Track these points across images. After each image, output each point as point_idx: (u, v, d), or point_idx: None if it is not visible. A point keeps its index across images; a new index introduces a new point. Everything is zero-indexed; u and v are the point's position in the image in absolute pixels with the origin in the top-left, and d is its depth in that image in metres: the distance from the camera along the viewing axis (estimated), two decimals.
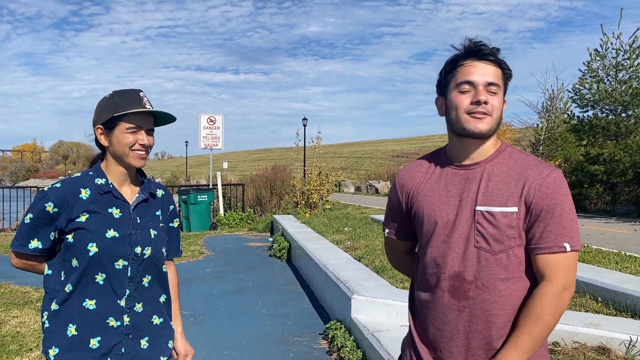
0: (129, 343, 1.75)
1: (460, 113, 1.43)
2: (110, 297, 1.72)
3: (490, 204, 1.40)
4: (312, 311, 5.52)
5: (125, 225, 1.76)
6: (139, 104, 1.74)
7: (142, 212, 1.82)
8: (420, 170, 1.60)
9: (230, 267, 7.96)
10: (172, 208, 1.97)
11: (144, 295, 1.79)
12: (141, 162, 1.79)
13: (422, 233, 1.54)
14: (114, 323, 1.73)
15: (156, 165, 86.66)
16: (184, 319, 5.45)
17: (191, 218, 12.67)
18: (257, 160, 57.04)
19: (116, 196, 1.77)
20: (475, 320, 1.40)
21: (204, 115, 14.08)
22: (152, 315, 1.81)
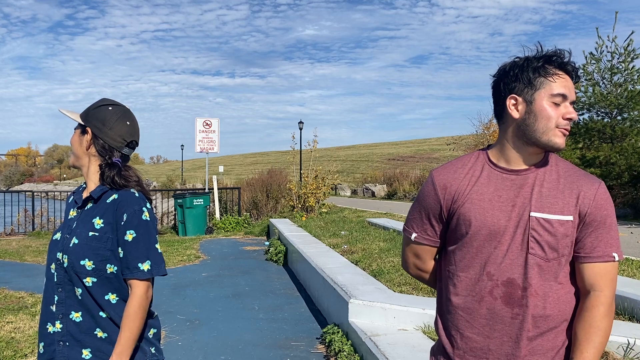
0: (63, 351, 1.69)
1: (550, 125, 1.40)
2: (46, 302, 1.73)
3: (546, 211, 1.40)
4: (309, 315, 5.49)
5: (69, 228, 1.75)
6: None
7: (83, 217, 1.75)
8: (463, 172, 1.52)
9: (227, 271, 7.92)
10: (127, 216, 1.69)
11: (80, 305, 1.69)
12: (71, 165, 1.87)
13: (468, 239, 1.47)
14: (51, 328, 1.71)
15: (152, 169, 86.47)
16: (181, 323, 5.43)
17: (187, 222, 12.62)
18: (253, 164, 56.98)
19: (76, 199, 1.82)
20: (527, 328, 1.40)
21: (199, 119, 14.06)
22: (94, 328, 1.70)
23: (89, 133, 1.76)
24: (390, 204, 20.41)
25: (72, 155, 1.83)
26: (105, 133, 1.75)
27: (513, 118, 1.44)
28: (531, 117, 1.41)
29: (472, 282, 1.46)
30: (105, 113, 1.78)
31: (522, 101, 1.42)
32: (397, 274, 5.45)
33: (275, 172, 17.14)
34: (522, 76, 1.42)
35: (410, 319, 4.09)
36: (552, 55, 1.42)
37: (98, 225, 1.69)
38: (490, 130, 22.22)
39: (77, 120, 1.79)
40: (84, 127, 1.78)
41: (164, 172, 63.27)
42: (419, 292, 4.78)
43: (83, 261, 1.66)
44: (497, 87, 1.49)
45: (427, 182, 1.57)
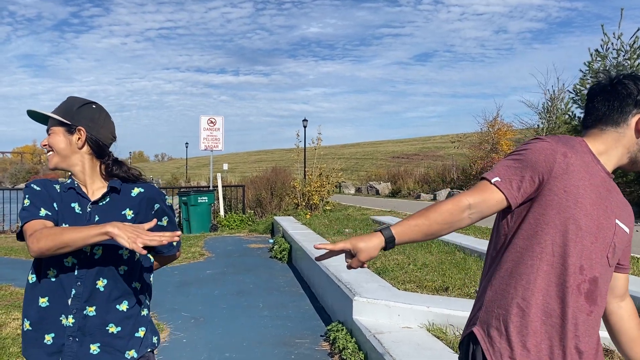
0: (73, 346, 1.69)
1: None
2: (59, 295, 1.70)
3: (622, 220, 1.47)
4: (314, 313, 5.50)
5: (82, 221, 1.72)
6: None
7: (104, 210, 1.77)
8: (582, 161, 1.43)
9: (231, 268, 7.94)
10: (158, 206, 1.85)
11: (98, 299, 1.72)
12: (48, 164, 1.82)
13: (566, 224, 1.39)
14: (65, 321, 1.70)
15: (156, 166, 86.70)
16: (185, 320, 5.45)
17: (191, 220, 12.65)
18: (257, 161, 57.03)
19: (78, 192, 1.78)
20: (595, 325, 1.46)
21: (204, 116, 14.08)
22: (107, 323, 1.73)
23: (80, 132, 1.77)
24: (394, 202, 20.39)
25: (56, 157, 1.78)
26: (98, 131, 1.80)
27: (635, 136, 1.47)
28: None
29: (560, 273, 1.42)
30: (93, 111, 1.82)
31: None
32: (401, 271, 5.46)
33: (280, 170, 17.16)
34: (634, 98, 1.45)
35: (414, 317, 4.09)
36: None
37: (129, 216, 1.77)
38: (495, 128, 22.15)
39: (63, 121, 1.76)
40: (70, 127, 1.77)
41: (168, 170, 63.42)
42: (423, 290, 4.79)
43: (121, 251, 1.73)
44: (628, 94, 1.46)
45: (553, 141, 1.43)
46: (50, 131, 1.78)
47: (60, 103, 1.83)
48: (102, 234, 1.53)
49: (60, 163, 1.78)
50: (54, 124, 1.78)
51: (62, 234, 1.57)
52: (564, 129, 18.03)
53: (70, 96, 1.85)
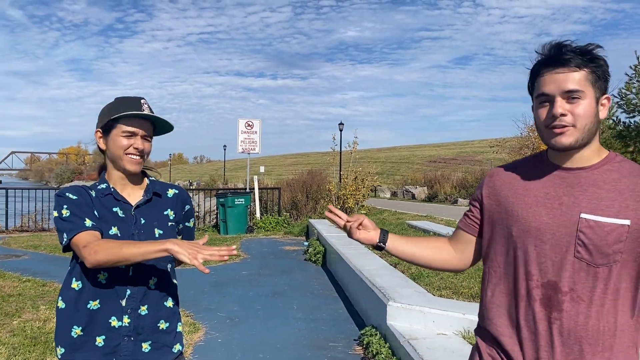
0: (129, 345, 1.73)
1: (541, 127, 1.39)
2: (112, 297, 1.73)
3: (599, 213, 1.32)
4: (347, 316, 5.49)
5: (129, 225, 1.76)
6: (137, 108, 1.76)
7: (147, 212, 1.81)
8: (517, 167, 1.52)
9: (266, 270, 8.01)
10: (188, 208, 1.96)
11: (149, 297, 1.77)
12: (135, 167, 1.78)
13: (506, 234, 1.44)
14: (115, 323, 1.73)
15: (195, 168, 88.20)
16: (221, 320, 5.52)
17: (228, 221, 12.81)
18: (293, 164, 57.36)
19: (117, 198, 1.79)
20: (566, 334, 1.33)
21: (242, 119, 14.25)
22: (158, 319, 1.79)
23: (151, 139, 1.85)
24: (430, 207, 20.17)
25: (143, 160, 1.82)
26: None
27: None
28: (535, 123, 1.45)
29: (511, 282, 1.44)
30: None
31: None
32: (436, 277, 5.39)
33: (315, 173, 17.21)
34: (529, 90, 1.46)
35: (449, 324, 4.03)
36: (540, 54, 1.42)
37: (171, 216, 1.87)
38: (535, 133, 21.66)
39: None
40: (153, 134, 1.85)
41: (206, 172, 64.44)
42: (459, 297, 4.71)
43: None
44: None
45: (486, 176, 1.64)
46: (149, 138, 1.81)
47: (147, 105, 1.80)
48: (162, 250, 1.56)
49: (141, 167, 1.82)
50: (150, 130, 1.81)
51: (122, 249, 1.58)
52: (608, 134, 17.45)
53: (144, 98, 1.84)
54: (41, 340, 4.49)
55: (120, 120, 1.75)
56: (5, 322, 4.97)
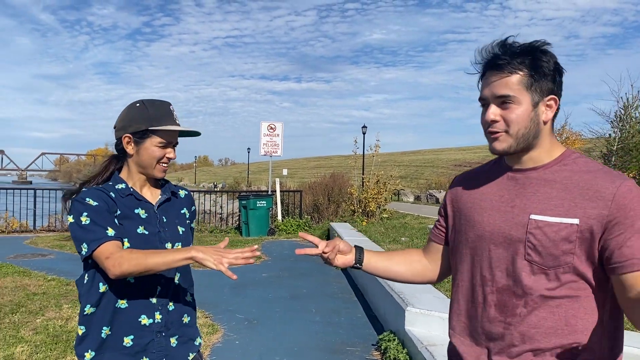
0: (161, 341, 1.76)
1: (484, 131, 1.38)
2: (141, 295, 1.74)
3: (548, 213, 1.26)
4: (366, 321, 5.45)
5: (153, 223, 1.79)
6: (171, 119, 1.78)
7: (167, 210, 1.86)
8: (477, 173, 1.53)
9: (286, 272, 8.01)
10: (194, 209, 2.02)
11: (175, 293, 1.82)
12: (163, 174, 1.84)
13: (464, 240, 1.43)
14: (146, 321, 1.74)
15: (220, 171, 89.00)
16: (239, 322, 5.54)
17: (250, 223, 12.87)
18: (316, 167, 57.42)
19: (138, 198, 1.80)
20: (522, 338, 1.29)
21: (264, 122, 14.31)
22: (182, 314, 1.85)
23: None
24: None
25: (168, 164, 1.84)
26: None
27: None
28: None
29: (468, 288, 1.42)
30: None
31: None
32: None
33: (337, 176, 17.19)
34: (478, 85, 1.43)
35: None
36: (480, 56, 1.37)
37: (187, 215, 1.94)
38: (562, 137, 21.26)
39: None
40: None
41: (231, 174, 64.99)
42: None
43: (190, 245, 1.86)
44: None
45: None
46: (176, 144, 1.84)
47: (175, 112, 1.81)
48: (187, 258, 1.56)
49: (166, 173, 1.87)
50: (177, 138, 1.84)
51: (147, 259, 1.56)
52: (638, 139, 17.05)
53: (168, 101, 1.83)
54: (62, 338, 4.56)
55: (158, 132, 1.75)
56: (29, 320, 5.06)
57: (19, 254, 9.08)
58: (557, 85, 1.32)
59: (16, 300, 5.77)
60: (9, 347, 4.31)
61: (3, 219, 12.92)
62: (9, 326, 4.86)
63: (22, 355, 4.15)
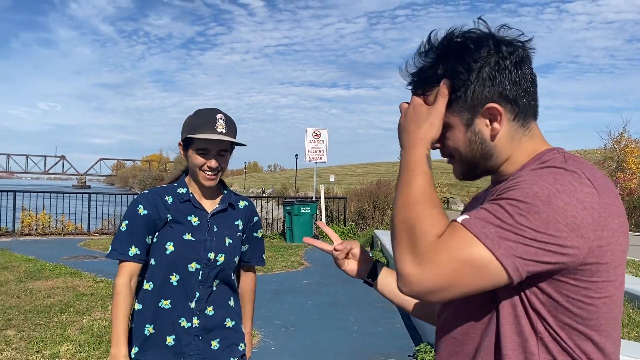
0: (198, 344, 1.83)
1: None
2: (182, 299, 1.81)
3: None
4: (404, 331, 5.35)
5: (203, 231, 1.85)
6: (210, 128, 1.79)
7: (220, 220, 1.90)
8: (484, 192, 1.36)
9: (327, 279, 7.99)
10: (257, 219, 2.04)
11: (214, 299, 1.87)
12: (209, 183, 1.85)
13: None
14: (185, 324, 1.81)
15: (268, 176, 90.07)
16: (276, 329, 5.56)
17: (294, 229, 12.94)
18: (363, 174, 57.16)
19: (195, 205, 1.87)
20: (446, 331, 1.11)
21: (309, 129, 14.39)
22: (224, 318, 1.90)
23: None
24: None
25: (219, 175, 1.87)
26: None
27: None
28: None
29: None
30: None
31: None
32: None
33: (383, 183, 17.04)
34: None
35: None
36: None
37: (240, 226, 1.96)
38: (621, 145, 20.29)
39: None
40: (232, 148, 1.91)
41: (279, 180, 65.66)
42: None
43: (236, 258, 1.92)
44: None
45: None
46: (225, 153, 1.86)
47: (223, 120, 1.82)
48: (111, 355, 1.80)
49: (215, 183, 1.89)
50: (228, 147, 1.86)
51: (115, 319, 1.79)
52: None
53: (222, 112, 1.86)
54: (105, 339, 4.70)
55: (197, 140, 1.81)
56: (76, 320, 5.26)
57: (72, 256, 9.47)
58: (497, 85, 0.97)
59: (66, 300, 6.01)
60: (56, 345, 4.49)
61: (60, 222, 13.50)
62: (57, 325, 5.06)
63: (66, 354, 4.31)
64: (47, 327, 4.98)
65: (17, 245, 10.74)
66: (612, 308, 0.92)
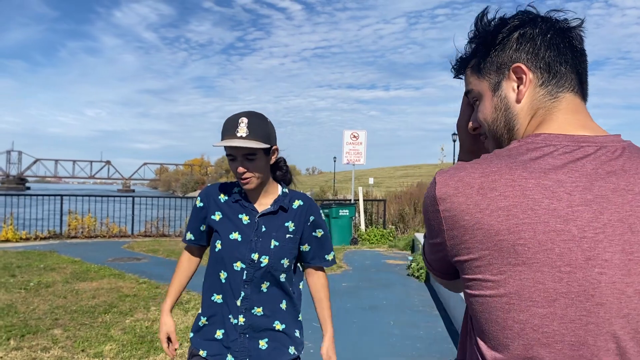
0: (245, 342, 1.86)
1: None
2: (230, 296, 1.88)
3: None
4: (446, 335, 5.23)
5: (250, 231, 1.88)
6: (231, 133, 1.79)
7: (269, 221, 1.91)
8: None
9: (367, 283, 7.91)
10: (314, 218, 2.00)
11: (263, 300, 1.88)
12: (247, 186, 1.87)
13: None
14: (233, 320, 1.86)
15: (307, 179, 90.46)
16: (316, 331, 5.49)
17: (333, 232, 12.89)
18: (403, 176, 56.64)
19: (244, 205, 1.91)
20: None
21: (347, 131, 14.32)
22: (273, 320, 1.91)
23: (276, 152, 1.91)
24: None
25: (257, 179, 1.84)
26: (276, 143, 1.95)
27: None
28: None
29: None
30: (273, 126, 1.92)
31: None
32: None
33: (424, 186, 16.83)
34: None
35: None
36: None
37: (291, 228, 1.94)
38: None
39: (264, 147, 1.82)
40: (269, 149, 1.86)
41: (317, 183, 65.83)
42: None
43: (283, 260, 1.91)
44: None
45: None
46: (253, 157, 1.80)
47: (244, 124, 1.78)
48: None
49: (258, 184, 1.87)
50: (255, 150, 1.80)
51: (171, 284, 2.11)
52: None
53: (249, 114, 1.83)
54: (147, 339, 4.77)
55: (225, 147, 1.83)
56: (119, 320, 5.36)
57: (116, 258, 9.70)
58: (526, 46, 0.94)
59: (109, 301, 6.15)
60: (100, 345, 4.58)
61: (105, 225, 13.88)
62: (101, 325, 5.17)
63: (110, 353, 4.39)
64: (92, 327, 5.10)
65: (64, 248, 11.09)
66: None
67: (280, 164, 2.00)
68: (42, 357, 4.30)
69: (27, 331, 4.90)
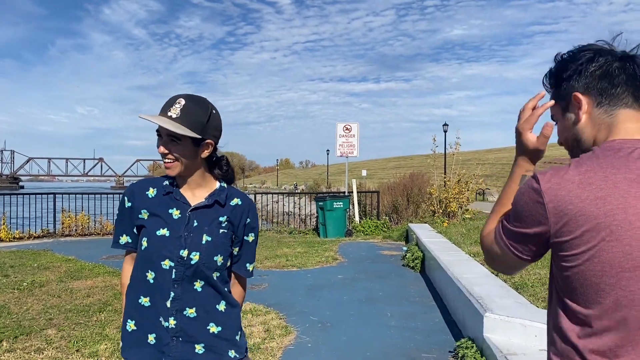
0: (178, 346, 1.71)
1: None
2: (159, 297, 1.71)
3: None
4: (444, 326, 5.22)
5: (180, 226, 1.73)
6: (163, 111, 1.69)
7: (202, 215, 1.76)
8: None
9: (362, 274, 7.90)
10: (250, 221, 1.83)
11: (197, 300, 1.73)
12: (169, 172, 1.73)
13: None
14: (164, 323, 1.71)
15: (300, 172, 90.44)
16: (313, 325, 5.49)
17: (327, 224, 12.88)
18: (395, 167, 56.74)
19: (176, 197, 1.76)
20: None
21: (340, 123, 14.28)
22: (207, 322, 1.75)
23: (209, 146, 1.74)
24: None
25: (180, 166, 1.72)
26: (219, 138, 1.80)
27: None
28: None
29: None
30: (218, 120, 1.78)
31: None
32: (542, 287, 4.96)
33: (417, 176, 16.81)
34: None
35: None
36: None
37: (224, 223, 1.77)
38: None
39: (194, 136, 1.68)
40: (200, 140, 1.71)
41: (311, 176, 65.83)
42: None
43: (216, 257, 1.73)
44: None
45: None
46: (178, 141, 1.68)
47: (179, 105, 1.68)
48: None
49: (183, 172, 1.73)
50: (179, 135, 1.67)
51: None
52: None
53: (190, 97, 1.72)
54: None
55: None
56: (114, 319, 5.31)
57: (110, 255, 9.63)
58: (582, 79, 1.24)
59: (104, 299, 6.09)
60: (95, 344, 4.54)
61: (98, 222, 13.79)
62: (96, 324, 5.13)
63: (105, 352, 4.34)
64: (87, 326, 5.05)
65: (57, 246, 11.01)
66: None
67: (222, 163, 1.83)
68: (36, 358, 4.25)
69: (21, 332, 4.84)
